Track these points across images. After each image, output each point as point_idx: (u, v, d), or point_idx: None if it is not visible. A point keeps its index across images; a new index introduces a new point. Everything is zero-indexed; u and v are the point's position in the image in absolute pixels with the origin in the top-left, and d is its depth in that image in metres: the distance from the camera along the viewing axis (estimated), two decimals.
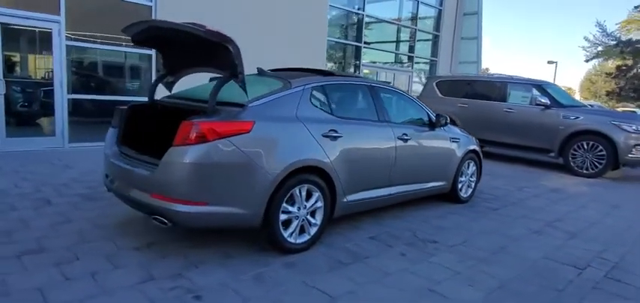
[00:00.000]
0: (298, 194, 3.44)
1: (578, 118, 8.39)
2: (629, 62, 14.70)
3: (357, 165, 3.90)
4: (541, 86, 9.18)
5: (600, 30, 19.16)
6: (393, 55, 15.13)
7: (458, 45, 16.46)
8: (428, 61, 16.01)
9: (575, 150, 8.36)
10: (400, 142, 4.39)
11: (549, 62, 26.98)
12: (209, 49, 3.34)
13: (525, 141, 9.02)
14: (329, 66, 12.79)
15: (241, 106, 3.31)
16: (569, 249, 4.03)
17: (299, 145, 3.45)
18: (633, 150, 7.86)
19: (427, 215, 4.85)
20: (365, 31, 13.29)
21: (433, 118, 5.00)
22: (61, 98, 7.61)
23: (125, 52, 8.54)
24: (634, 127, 7.92)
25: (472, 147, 5.56)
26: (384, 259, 3.52)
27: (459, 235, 4.24)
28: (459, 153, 5.31)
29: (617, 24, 18.34)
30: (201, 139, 2.97)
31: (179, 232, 3.76)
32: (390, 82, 12.93)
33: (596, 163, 8.12)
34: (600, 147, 8.05)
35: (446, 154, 5.15)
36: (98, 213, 4.24)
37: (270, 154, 3.24)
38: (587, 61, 22.12)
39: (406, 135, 4.47)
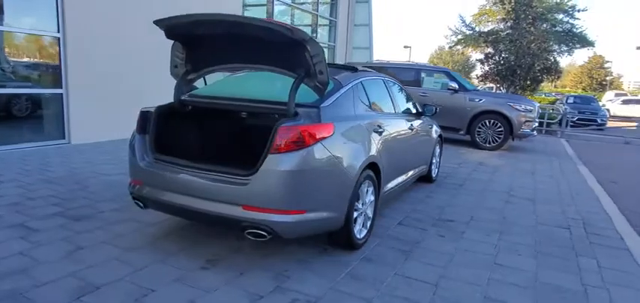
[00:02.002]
0: (364, 191, 3.55)
1: (481, 100, 9.90)
2: (490, 50, 17.72)
3: (391, 157, 4.13)
4: (449, 73, 10.52)
5: (461, 21, 22.54)
6: None
7: (352, 31, 17.47)
8: (327, 46, 16.66)
9: (479, 127, 9.88)
10: (410, 132, 4.77)
11: (405, 46, 30.59)
12: (279, 48, 3.16)
13: (439, 122, 10.25)
14: None
15: (312, 107, 3.24)
16: (542, 214, 4.95)
17: (365, 143, 3.55)
18: (523, 126, 9.66)
19: (416, 197, 5.34)
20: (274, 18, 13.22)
21: (419, 107, 5.49)
22: None
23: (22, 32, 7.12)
24: (523, 107, 9.72)
25: (439, 131, 6.25)
26: (433, 242, 3.86)
27: (460, 212, 4.83)
28: (434, 137, 5.93)
29: (471, 16, 21.65)
30: (301, 144, 2.87)
31: (213, 243, 3.52)
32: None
33: (497, 138, 9.74)
34: (499, 124, 9.68)
35: (429, 140, 5.72)
36: (108, 234, 3.65)
37: (349, 154, 3.29)
38: (450, 48, 25.79)
39: (412, 125, 4.87)
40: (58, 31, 7.29)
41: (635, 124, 17.07)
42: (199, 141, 3.82)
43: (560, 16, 20.14)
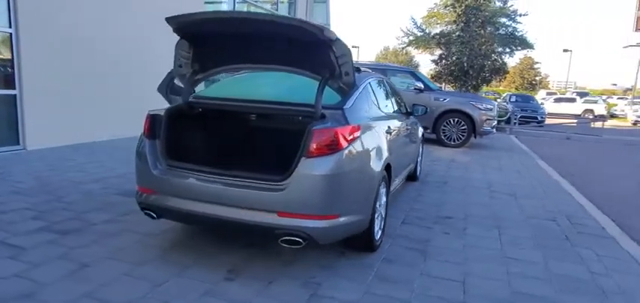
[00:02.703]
0: (381, 191, 3.54)
1: (445, 99, 10.28)
2: (442, 51, 18.46)
3: (395, 156, 4.16)
4: (414, 73, 10.83)
5: (412, 23, 23.29)
6: None
7: (311, 9, 17.33)
8: None
9: (444, 126, 10.25)
10: (407, 131, 4.85)
11: (353, 46, 31.24)
12: (304, 48, 3.07)
13: None
14: None
15: (336, 109, 3.18)
16: (526, 208, 5.22)
17: (382, 143, 3.54)
18: (484, 124, 10.16)
19: (408, 196, 5.43)
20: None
21: (408, 107, 5.60)
22: None
23: None
24: (484, 106, 10.22)
25: (422, 131, 6.40)
26: (441, 240, 3.94)
27: (454, 209, 4.97)
28: (419, 136, 6.07)
29: (421, 18, 22.49)
30: (334, 147, 2.80)
31: (224, 252, 3.37)
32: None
33: (461, 136, 10.16)
34: (463, 122, 10.11)
35: (417, 139, 5.84)
36: (108, 249, 3.36)
37: (373, 155, 3.27)
38: (402, 49, 26.57)
39: (407, 124, 4.95)
40: (10, 27, 6.61)
41: (575, 121, 18.57)
42: (213, 145, 3.62)
43: (503, 19, 21.42)
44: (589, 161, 10.10)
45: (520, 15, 21.02)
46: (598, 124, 17.07)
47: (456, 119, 10.14)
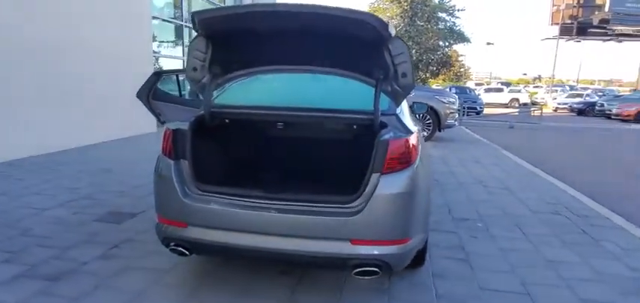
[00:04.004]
0: None
1: (412, 94, 10.30)
2: None
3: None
4: None
5: None
6: None
7: None
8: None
9: None
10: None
11: None
12: (356, 45, 2.69)
13: None
14: (154, 46, 10.99)
15: (389, 115, 2.85)
16: (527, 202, 5.25)
17: (424, 150, 3.26)
18: (448, 118, 10.35)
19: None
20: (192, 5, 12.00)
21: None
22: None
23: None
24: (448, 100, 10.41)
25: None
26: (475, 246, 3.76)
27: (463, 209, 4.86)
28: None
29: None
30: (407, 160, 2.47)
31: (257, 286, 2.95)
32: None
33: (427, 130, 10.26)
34: (428, 117, 10.21)
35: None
36: (124, 296, 2.77)
37: (427, 166, 2.99)
38: None
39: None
40: None
41: (516, 110, 19.80)
42: (248, 162, 3.12)
43: (442, 14, 22.26)
44: (545, 149, 10.64)
45: (458, 10, 22.04)
46: (537, 113, 18.36)
47: (422, 114, 10.20)
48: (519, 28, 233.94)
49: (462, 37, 23.00)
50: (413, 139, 2.56)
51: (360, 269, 2.39)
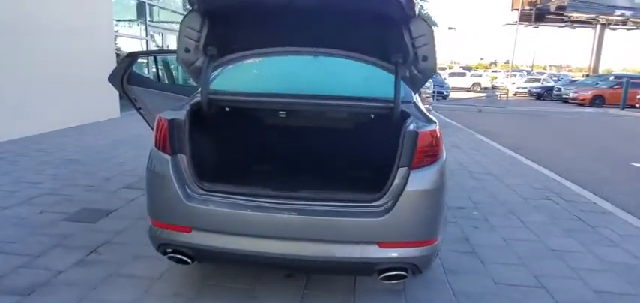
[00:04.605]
0: None
1: None
2: None
3: None
4: None
5: None
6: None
7: None
8: None
9: None
10: None
11: None
12: (373, 25, 2.45)
13: None
14: (116, 27, 10.24)
15: (406, 103, 2.63)
16: (516, 189, 5.22)
17: None
18: (424, 102, 10.31)
19: None
20: None
21: None
22: None
23: None
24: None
25: None
26: (478, 237, 3.65)
27: (456, 198, 4.77)
28: None
29: None
30: (434, 153, 2.27)
31: (265, 294, 2.71)
32: None
33: None
34: None
35: None
36: None
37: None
38: None
39: None
40: None
41: (479, 94, 20.19)
42: (253, 156, 2.81)
43: None
44: (518, 134, 10.81)
45: None
46: (503, 97, 18.81)
47: None
48: (482, 14, 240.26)
49: (430, 22, 23.09)
50: (439, 130, 2.35)
51: (388, 274, 2.19)
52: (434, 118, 2.47)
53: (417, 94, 2.88)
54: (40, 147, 6.58)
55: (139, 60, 4.41)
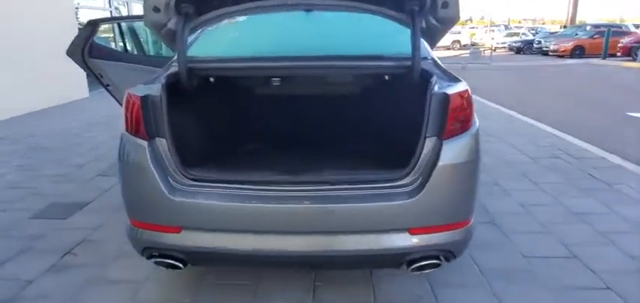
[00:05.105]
0: None
1: None
2: None
3: None
4: None
5: None
6: None
7: None
8: None
9: None
10: None
11: None
12: None
13: None
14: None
15: (426, 60, 2.24)
16: (522, 148, 4.96)
17: None
18: None
19: None
20: None
21: None
22: None
23: None
24: None
25: None
26: (495, 204, 3.38)
27: None
28: None
29: None
30: (466, 119, 1.91)
31: (271, 282, 2.38)
32: None
33: None
34: None
35: None
36: None
37: None
38: None
39: None
40: None
41: (467, 51, 19.82)
42: (248, 134, 2.41)
43: None
44: (507, 90, 10.56)
45: None
46: (487, 53, 18.56)
47: None
48: None
49: None
50: (470, 90, 1.99)
51: (419, 264, 1.86)
52: (459, 77, 2.10)
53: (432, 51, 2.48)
54: (2, 135, 5.99)
55: (104, 33, 3.89)
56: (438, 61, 2.28)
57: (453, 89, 1.85)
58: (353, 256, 1.82)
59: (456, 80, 2.03)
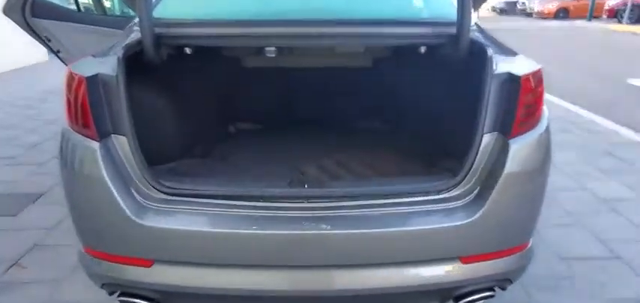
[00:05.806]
0: None
1: None
2: None
3: None
4: None
5: None
6: None
7: None
8: None
9: None
10: None
11: None
12: None
13: None
14: None
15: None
16: None
17: None
18: None
19: None
20: None
21: None
22: None
23: None
24: None
25: None
26: None
27: None
28: None
29: None
30: (537, 110, 1.44)
31: None
32: None
33: None
34: None
35: None
36: None
37: None
38: None
39: None
40: None
41: None
42: (239, 123, 1.92)
43: None
44: None
45: None
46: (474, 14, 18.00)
47: None
48: None
49: None
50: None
51: (471, 299, 1.44)
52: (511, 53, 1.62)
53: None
54: None
55: None
56: (484, 30, 1.80)
57: (522, 69, 1.38)
58: (385, 294, 1.38)
59: (517, 55, 1.56)
